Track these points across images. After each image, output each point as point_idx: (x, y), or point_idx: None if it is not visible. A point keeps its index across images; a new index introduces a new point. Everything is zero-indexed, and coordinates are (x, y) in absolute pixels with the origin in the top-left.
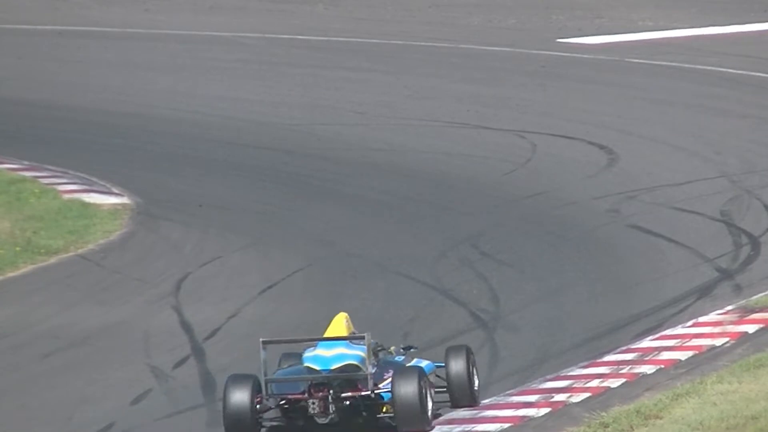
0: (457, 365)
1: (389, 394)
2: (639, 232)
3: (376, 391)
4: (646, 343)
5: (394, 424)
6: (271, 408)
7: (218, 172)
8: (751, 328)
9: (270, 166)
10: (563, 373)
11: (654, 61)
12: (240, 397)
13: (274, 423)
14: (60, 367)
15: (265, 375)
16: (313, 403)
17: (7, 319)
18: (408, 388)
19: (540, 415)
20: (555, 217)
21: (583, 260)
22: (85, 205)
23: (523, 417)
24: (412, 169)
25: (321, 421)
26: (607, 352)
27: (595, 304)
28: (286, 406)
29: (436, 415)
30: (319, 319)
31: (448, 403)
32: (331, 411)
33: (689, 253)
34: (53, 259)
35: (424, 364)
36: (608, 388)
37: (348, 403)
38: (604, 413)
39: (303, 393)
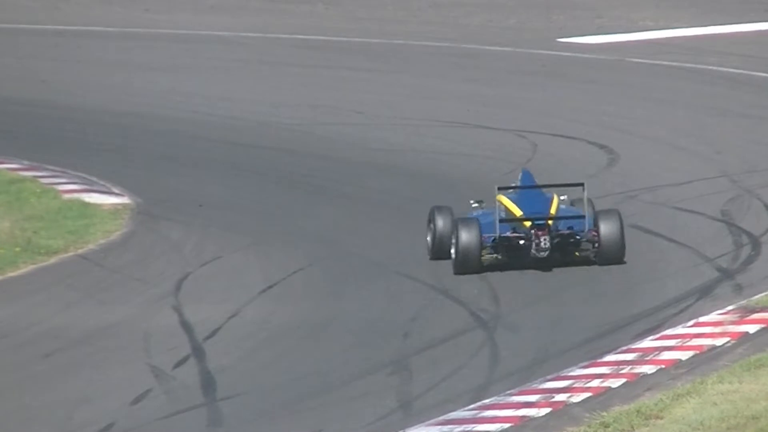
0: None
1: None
2: (639, 232)
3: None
4: (647, 343)
5: (594, 259)
6: (490, 246)
7: (218, 172)
8: (751, 328)
9: (270, 166)
10: (563, 373)
11: (654, 60)
12: (469, 236)
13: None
14: (60, 367)
15: (499, 217)
16: (537, 240)
17: (7, 319)
18: (614, 227)
19: (540, 415)
20: None
21: (584, 260)
22: (86, 205)
23: (524, 417)
24: (412, 169)
25: (540, 255)
26: (608, 352)
27: (595, 304)
28: (506, 243)
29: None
30: (320, 319)
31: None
32: (548, 246)
33: (689, 253)
34: (53, 259)
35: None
36: (609, 388)
37: (557, 240)
38: (604, 413)
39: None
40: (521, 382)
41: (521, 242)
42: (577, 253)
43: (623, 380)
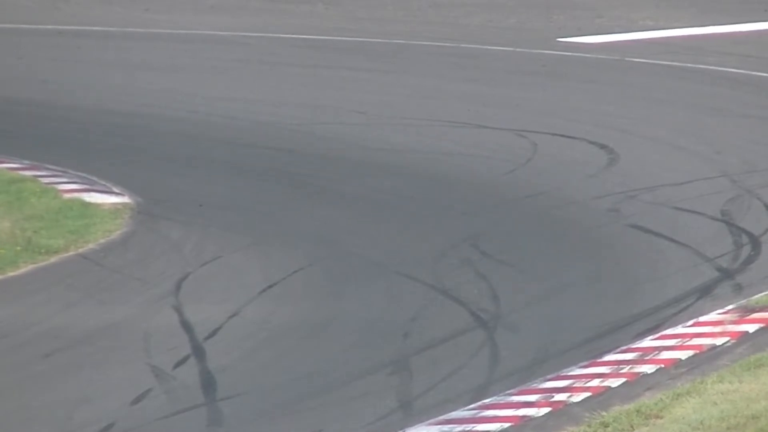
0: None
1: None
2: (639, 232)
3: None
4: (647, 342)
5: None
6: None
7: (218, 172)
8: (751, 328)
9: (270, 166)
10: (563, 372)
11: (654, 60)
12: None
13: None
14: (60, 367)
15: None
16: None
17: (7, 319)
18: None
19: (540, 414)
20: (555, 217)
21: (583, 260)
22: (86, 205)
23: (524, 417)
24: (413, 169)
25: None
26: (607, 352)
27: (595, 304)
28: None
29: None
30: (320, 319)
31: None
32: None
33: (689, 253)
34: (54, 259)
35: None
36: (608, 388)
37: None
38: (604, 413)
39: None
40: (521, 382)
41: None
42: None
43: (623, 380)
